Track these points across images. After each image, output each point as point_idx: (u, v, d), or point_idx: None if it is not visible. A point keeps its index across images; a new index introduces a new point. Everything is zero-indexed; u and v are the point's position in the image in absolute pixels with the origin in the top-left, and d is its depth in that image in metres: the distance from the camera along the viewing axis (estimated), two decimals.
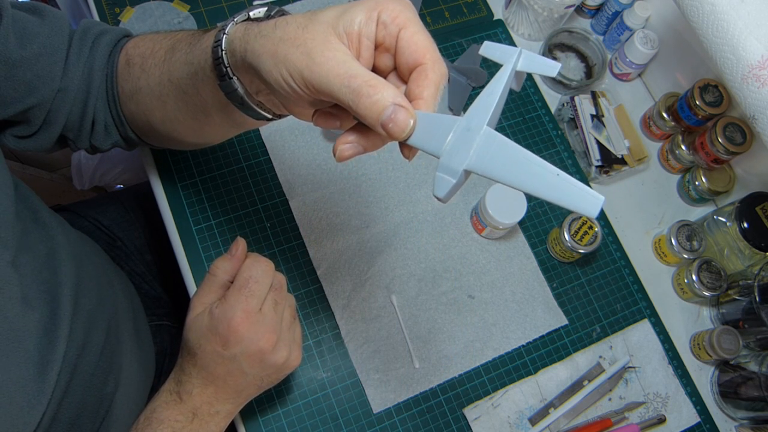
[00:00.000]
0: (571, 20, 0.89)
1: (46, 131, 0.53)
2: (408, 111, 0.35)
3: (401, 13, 0.37)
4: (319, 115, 0.39)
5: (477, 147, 0.34)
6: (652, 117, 0.83)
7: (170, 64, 0.48)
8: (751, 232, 0.70)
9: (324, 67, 0.35)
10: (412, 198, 0.74)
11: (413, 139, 0.36)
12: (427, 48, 0.37)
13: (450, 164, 0.35)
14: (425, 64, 0.37)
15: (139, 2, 0.75)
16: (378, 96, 0.34)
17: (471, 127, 0.35)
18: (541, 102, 0.82)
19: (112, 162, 1.11)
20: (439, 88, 0.37)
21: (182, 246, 0.67)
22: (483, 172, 0.34)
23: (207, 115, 0.48)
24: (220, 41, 0.41)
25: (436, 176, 0.35)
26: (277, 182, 0.71)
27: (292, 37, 0.36)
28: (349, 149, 0.38)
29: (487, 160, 0.34)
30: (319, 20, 0.36)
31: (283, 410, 0.63)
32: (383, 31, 0.37)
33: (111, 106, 0.54)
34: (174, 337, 0.79)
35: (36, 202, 0.56)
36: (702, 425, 0.71)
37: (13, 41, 0.46)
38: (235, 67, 0.41)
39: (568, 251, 0.71)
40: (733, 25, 0.58)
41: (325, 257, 0.69)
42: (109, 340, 0.59)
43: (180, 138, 0.55)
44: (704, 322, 0.77)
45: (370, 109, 0.34)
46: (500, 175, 0.34)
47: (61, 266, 0.53)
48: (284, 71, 0.36)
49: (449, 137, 0.35)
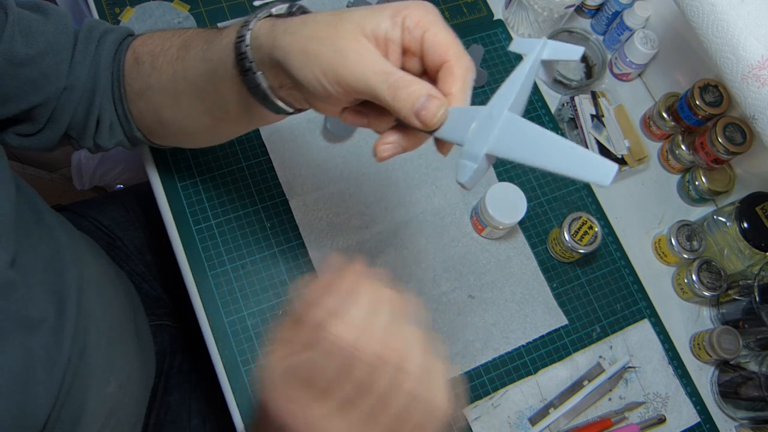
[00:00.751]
0: (571, 20, 0.89)
1: (51, 129, 0.53)
2: (440, 99, 0.36)
3: (424, 16, 0.38)
4: (348, 112, 0.41)
5: (498, 131, 0.35)
6: (652, 117, 0.83)
7: (185, 61, 0.48)
8: (751, 232, 0.70)
9: (359, 65, 0.36)
10: (412, 198, 0.74)
11: (442, 130, 0.37)
12: (449, 44, 0.38)
13: (472, 150, 0.36)
14: (449, 61, 0.38)
15: (139, 2, 0.75)
16: (413, 87, 0.36)
17: (493, 113, 0.36)
18: (541, 102, 0.82)
19: (112, 162, 1.11)
20: (467, 82, 0.38)
21: (182, 246, 0.67)
22: (503, 154, 0.35)
23: (225, 111, 0.49)
24: (243, 37, 0.41)
25: (459, 163, 0.37)
26: (277, 182, 0.71)
27: (323, 36, 0.37)
28: (389, 149, 0.39)
29: (507, 142, 0.35)
30: (349, 20, 0.37)
31: None
32: (408, 36, 0.38)
33: (117, 104, 0.54)
34: (174, 337, 0.79)
35: (39, 203, 0.56)
36: (702, 425, 0.71)
37: (20, 39, 0.46)
38: (259, 63, 0.41)
39: (568, 251, 0.71)
40: (733, 25, 0.58)
41: (325, 257, 0.69)
42: (111, 340, 0.59)
43: (191, 136, 0.55)
44: (704, 322, 0.77)
45: (406, 101, 0.36)
46: (520, 155, 0.34)
47: (65, 267, 0.53)
48: (315, 68, 0.37)
49: (473, 125, 0.36)
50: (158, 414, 0.73)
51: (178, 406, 0.75)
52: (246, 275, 0.67)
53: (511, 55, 0.84)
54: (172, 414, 0.74)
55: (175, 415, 0.74)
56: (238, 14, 0.78)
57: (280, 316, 0.66)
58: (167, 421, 0.73)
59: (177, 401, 0.75)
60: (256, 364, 0.37)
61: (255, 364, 0.63)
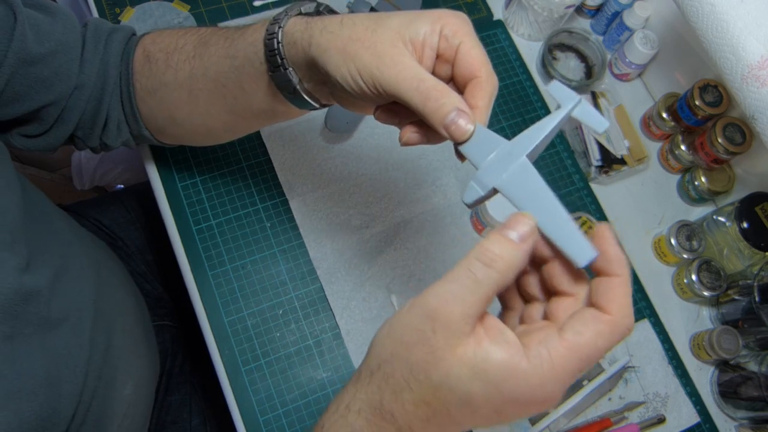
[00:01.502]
0: (571, 20, 0.89)
1: (59, 129, 0.52)
2: (469, 116, 0.38)
3: (461, 28, 0.40)
4: (381, 111, 0.43)
5: (511, 172, 0.38)
6: (651, 117, 0.83)
7: (204, 58, 0.48)
8: (751, 232, 0.70)
9: (394, 70, 0.38)
10: (412, 198, 0.74)
11: (465, 146, 0.39)
12: (483, 63, 0.40)
13: (483, 178, 0.38)
14: (480, 77, 0.40)
15: (140, 2, 0.75)
16: (444, 100, 0.38)
17: (513, 152, 0.38)
18: (540, 102, 0.82)
19: (113, 162, 1.11)
20: (492, 100, 0.40)
21: (182, 246, 0.67)
22: (507, 194, 0.38)
23: (247, 107, 0.49)
24: (275, 34, 0.42)
25: (470, 185, 0.39)
26: (277, 182, 0.71)
27: (362, 38, 0.39)
28: (414, 137, 0.41)
29: (514, 187, 0.38)
30: (388, 26, 0.39)
31: (283, 410, 0.63)
32: (444, 44, 0.40)
33: (125, 103, 0.54)
34: (175, 338, 0.79)
35: (47, 204, 0.56)
36: (702, 425, 0.71)
37: (31, 38, 0.46)
38: (291, 59, 0.43)
39: None
40: (733, 25, 0.58)
41: (325, 257, 0.69)
42: (128, 341, 0.59)
43: (206, 133, 0.55)
44: (704, 322, 0.77)
45: (437, 112, 0.38)
46: (520, 203, 0.37)
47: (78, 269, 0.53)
48: (353, 69, 0.39)
49: (492, 155, 0.38)
50: (159, 414, 0.73)
51: (179, 407, 0.75)
52: (246, 275, 0.67)
53: (511, 56, 0.84)
54: (174, 414, 0.74)
55: (176, 416, 0.74)
56: (238, 14, 0.78)
57: (280, 315, 0.66)
58: (168, 422, 0.73)
59: (178, 401, 0.75)
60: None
61: (255, 364, 0.63)
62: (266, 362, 0.64)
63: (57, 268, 0.50)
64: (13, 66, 0.45)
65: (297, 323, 0.66)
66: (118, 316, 0.59)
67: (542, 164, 0.79)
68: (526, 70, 0.83)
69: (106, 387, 0.53)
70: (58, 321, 0.48)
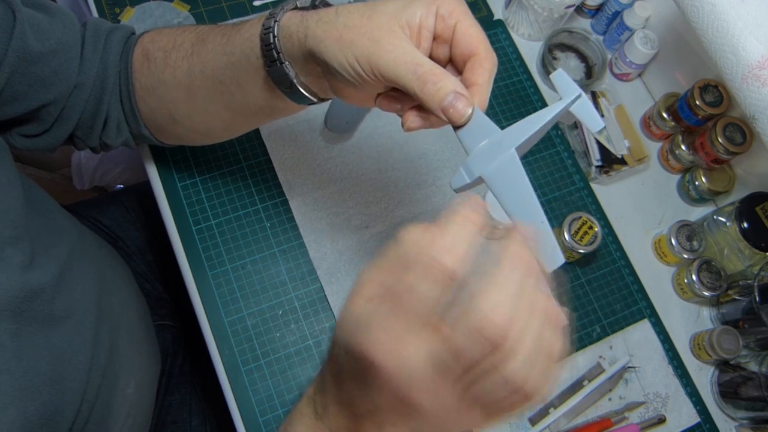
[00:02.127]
0: (571, 20, 0.89)
1: (59, 129, 0.52)
2: (467, 99, 0.38)
3: (457, 7, 0.40)
4: (383, 98, 0.43)
5: (498, 163, 0.38)
6: (652, 117, 0.83)
7: (201, 56, 0.48)
8: (751, 232, 0.70)
9: (392, 55, 0.38)
10: (412, 198, 0.74)
11: (463, 130, 0.39)
12: (480, 40, 0.40)
13: (472, 165, 0.39)
14: (479, 54, 0.40)
15: (139, 2, 0.75)
16: (442, 83, 0.38)
17: (503, 143, 0.38)
18: (540, 102, 0.82)
19: (112, 162, 1.11)
20: (492, 77, 0.40)
21: (182, 246, 0.67)
22: (491, 184, 0.38)
23: (245, 104, 0.49)
24: (271, 28, 0.42)
25: (459, 170, 0.39)
26: (277, 182, 0.71)
27: (358, 25, 0.39)
28: (417, 121, 0.41)
29: (498, 179, 0.38)
30: (383, 11, 0.39)
31: (283, 410, 0.63)
32: (441, 24, 0.40)
33: (124, 102, 0.54)
34: (175, 338, 0.79)
35: (50, 203, 0.56)
36: (702, 425, 0.71)
37: (31, 37, 0.45)
38: (287, 53, 0.43)
39: (567, 251, 0.71)
40: (733, 25, 0.58)
41: (325, 257, 0.69)
42: (131, 339, 0.59)
43: (204, 132, 0.55)
44: (704, 322, 0.77)
45: (434, 95, 0.38)
46: (501, 196, 0.38)
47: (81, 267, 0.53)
48: (350, 56, 0.39)
49: (484, 142, 0.39)
50: (159, 414, 0.73)
51: (179, 406, 0.75)
52: (246, 275, 0.67)
53: (511, 55, 0.84)
54: (174, 414, 0.74)
55: (176, 415, 0.74)
56: (238, 14, 0.78)
57: (280, 315, 0.66)
58: (168, 421, 0.73)
59: (178, 401, 0.75)
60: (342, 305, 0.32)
61: (255, 364, 0.63)
62: (266, 362, 0.64)
63: (61, 265, 0.50)
64: (13, 65, 0.45)
65: (297, 323, 0.66)
66: (121, 314, 0.59)
67: (542, 164, 0.79)
68: (527, 69, 0.83)
69: (110, 386, 0.53)
70: (61, 318, 0.48)
